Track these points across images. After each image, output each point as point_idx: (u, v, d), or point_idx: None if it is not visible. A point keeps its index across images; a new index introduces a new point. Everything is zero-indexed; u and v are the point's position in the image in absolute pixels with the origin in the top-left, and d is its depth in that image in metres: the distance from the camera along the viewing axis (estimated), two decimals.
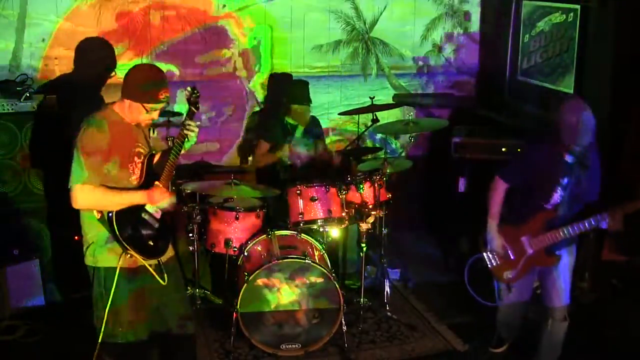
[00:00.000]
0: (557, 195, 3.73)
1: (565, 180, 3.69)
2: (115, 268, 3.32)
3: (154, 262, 3.45)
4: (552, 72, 5.42)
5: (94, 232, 3.37)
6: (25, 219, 4.88)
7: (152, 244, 3.41)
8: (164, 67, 4.67)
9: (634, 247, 4.93)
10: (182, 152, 3.46)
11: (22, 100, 4.72)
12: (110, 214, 3.26)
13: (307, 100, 5.25)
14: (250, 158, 5.80)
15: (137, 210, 3.37)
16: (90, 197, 3.23)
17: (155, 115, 3.40)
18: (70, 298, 4.89)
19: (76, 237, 4.74)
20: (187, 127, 3.42)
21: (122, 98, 3.36)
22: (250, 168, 5.71)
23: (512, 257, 3.90)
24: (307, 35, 5.84)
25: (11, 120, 4.71)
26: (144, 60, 5.41)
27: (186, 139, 3.45)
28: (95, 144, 3.24)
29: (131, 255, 3.32)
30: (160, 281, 3.43)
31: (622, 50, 4.78)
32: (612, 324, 4.71)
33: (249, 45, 5.73)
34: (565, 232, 3.69)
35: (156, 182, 3.42)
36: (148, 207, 3.40)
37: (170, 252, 3.60)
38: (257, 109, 5.86)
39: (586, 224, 3.62)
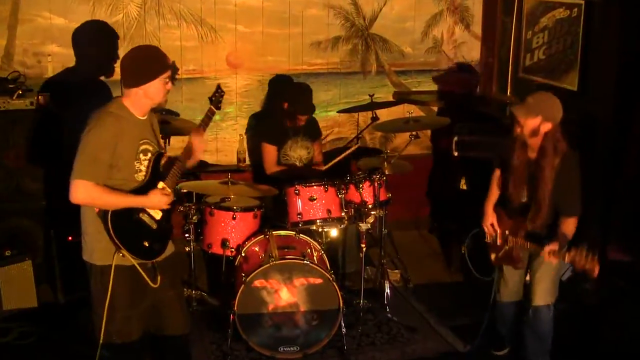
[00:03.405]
0: (522, 192, 3.87)
1: (527, 175, 3.82)
2: (111, 265, 3.26)
3: (147, 262, 3.37)
4: (555, 69, 5.36)
5: (92, 228, 3.30)
6: (18, 219, 4.81)
7: (147, 245, 3.35)
8: None
9: (639, 248, 4.89)
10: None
11: (14, 97, 4.65)
12: (106, 211, 3.20)
13: (312, 109, 5.17)
14: (248, 162, 5.73)
15: (135, 210, 3.31)
16: (88, 194, 3.14)
17: (170, 85, 3.32)
18: (64, 299, 4.84)
19: (69, 238, 4.74)
20: (204, 127, 3.49)
21: (132, 87, 3.24)
22: (247, 168, 5.65)
23: (498, 241, 4.05)
24: (306, 32, 5.77)
25: (3, 118, 4.64)
26: None
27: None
28: (101, 140, 3.15)
29: (123, 255, 3.25)
30: (150, 283, 3.36)
31: (627, 46, 4.73)
32: (617, 325, 4.64)
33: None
34: (538, 250, 3.76)
35: (160, 183, 3.36)
36: (148, 208, 3.35)
37: (168, 251, 3.53)
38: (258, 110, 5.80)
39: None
